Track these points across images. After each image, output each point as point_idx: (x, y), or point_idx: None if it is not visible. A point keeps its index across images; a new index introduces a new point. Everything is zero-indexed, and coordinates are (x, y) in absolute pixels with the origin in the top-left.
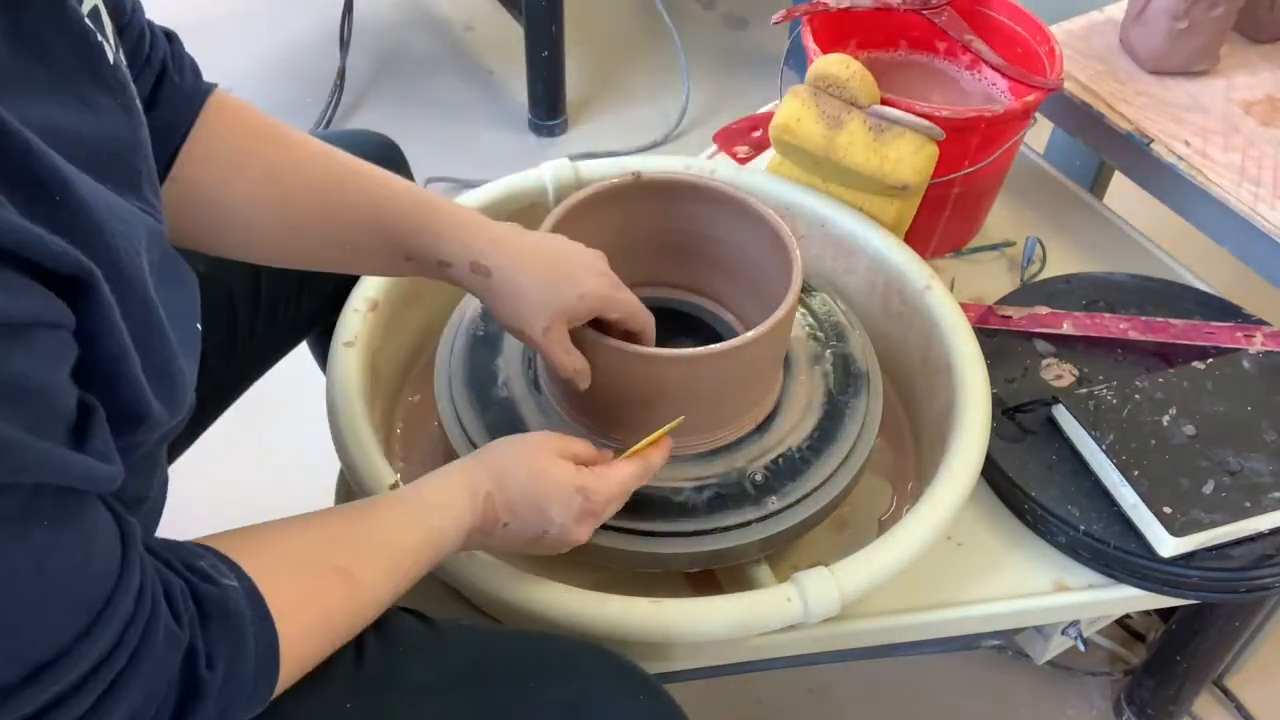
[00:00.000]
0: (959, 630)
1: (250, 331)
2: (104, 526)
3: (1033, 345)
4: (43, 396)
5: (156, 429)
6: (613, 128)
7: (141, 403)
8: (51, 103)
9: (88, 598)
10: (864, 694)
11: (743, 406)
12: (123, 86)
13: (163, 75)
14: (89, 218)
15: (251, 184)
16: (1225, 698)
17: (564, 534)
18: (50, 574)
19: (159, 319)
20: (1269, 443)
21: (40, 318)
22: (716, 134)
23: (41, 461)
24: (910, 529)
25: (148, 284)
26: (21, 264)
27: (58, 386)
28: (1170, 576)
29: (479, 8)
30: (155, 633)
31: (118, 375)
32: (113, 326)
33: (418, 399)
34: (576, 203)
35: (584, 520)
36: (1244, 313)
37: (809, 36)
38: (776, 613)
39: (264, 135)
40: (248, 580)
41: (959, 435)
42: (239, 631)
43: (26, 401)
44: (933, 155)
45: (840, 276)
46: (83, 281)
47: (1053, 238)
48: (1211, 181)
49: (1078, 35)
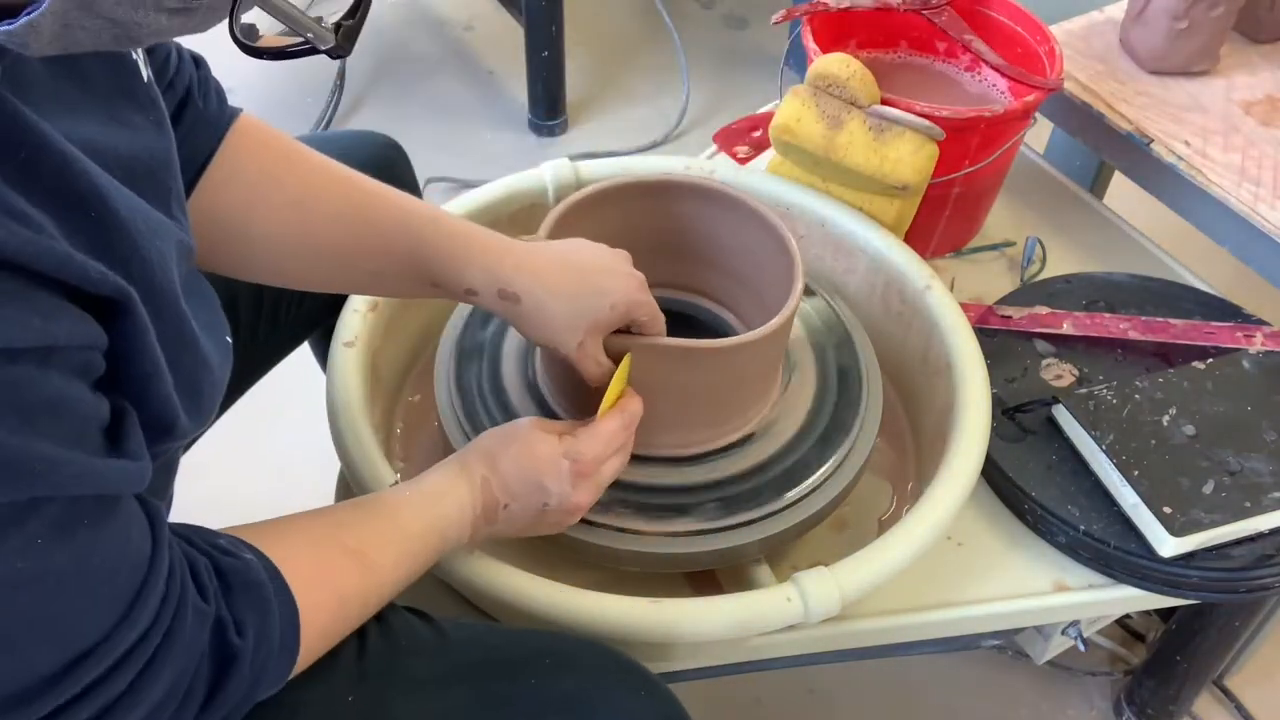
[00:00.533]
0: (959, 630)
1: (253, 333)
2: (135, 517)
3: (1033, 345)
4: (79, 410)
5: (182, 439)
6: (613, 128)
7: (170, 415)
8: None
9: (126, 586)
10: (864, 694)
11: (743, 407)
12: (154, 103)
13: (186, 99)
14: (125, 233)
15: (275, 211)
16: (1225, 698)
17: (564, 502)
18: (92, 570)
19: (191, 332)
20: (1269, 443)
21: (74, 340)
22: (716, 134)
23: (81, 474)
24: (910, 529)
25: (180, 298)
26: (59, 285)
27: (92, 400)
28: (1170, 576)
29: (479, 8)
30: (185, 610)
31: (148, 391)
32: (146, 345)
33: (418, 399)
34: (576, 203)
35: (579, 484)
36: (1244, 313)
37: (809, 36)
38: (776, 613)
39: (288, 161)
40: (264, 556)
41: (959, 435)
42: (264, 599)
43: (65, 417)
44: (933, 155)
45: (840, 276)
46: (120, 304)
47: (1053, 238)
48: (1211, 181)
49: (1078, 35)
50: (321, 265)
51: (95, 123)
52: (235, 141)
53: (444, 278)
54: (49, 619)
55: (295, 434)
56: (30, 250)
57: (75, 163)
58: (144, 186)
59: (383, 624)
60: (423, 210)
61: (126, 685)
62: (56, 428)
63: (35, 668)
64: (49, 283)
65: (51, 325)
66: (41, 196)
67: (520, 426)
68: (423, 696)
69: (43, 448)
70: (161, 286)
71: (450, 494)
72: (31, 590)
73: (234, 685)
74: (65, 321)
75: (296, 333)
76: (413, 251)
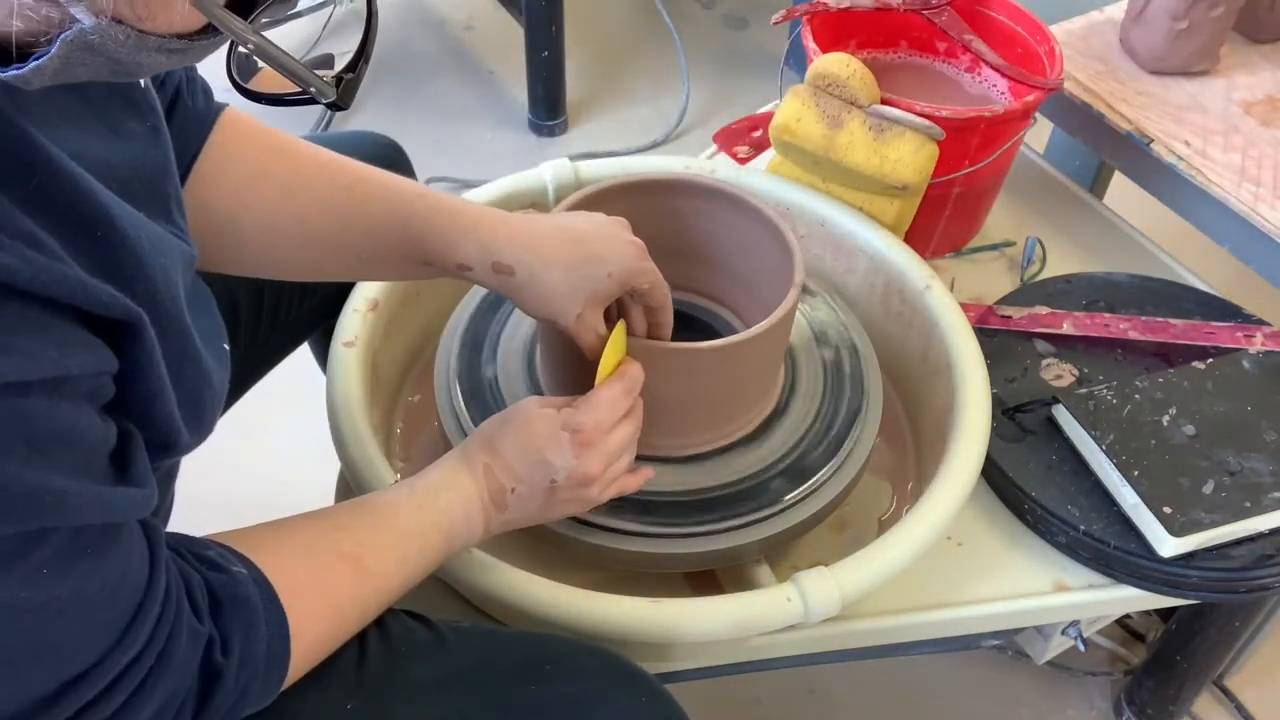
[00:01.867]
0: (959, 630)
1: (253, 334)
2: (137, 541)
3: (1033, 345)
4: (88, 439)
5: (184, 453)
6: (613, 128)
7: (173, 432)
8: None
9: (123, 610)
10: (864, 694)
11: (743, 406)
12: (152, 109)
13: (177, 99)
14: (130, 252)
15: (264, 200)
16: (1225, 698)
17: (572, 475)
18: (92, 595)
19: (194, 348)
20: (1269, 443)
21: (86, 369)
22: (716, 134)
23: (90, 504)
24: (910, 529)
25: (184, 314)
26: (71, 311)
27: (99, 424)
28: (1170, 576)
29: (479, 8)
30: (180, 631)
31: (153, 410)
32: (153, 365)
33: (418, 399)
34: (576, 202)
35: (584, 454)
36: (1244, 313)
37: (809, 36)
38: (776, 613)
39: (274, 150)
40: (254, 567)
41: (959, 435)
42: (250, 614)
43: (74, 447)
44: (933, 155)
45: (840, 276)
46: (131, 326)
47: (1053, 238)
48: (1211, 181)
49: (1078, 35)
50: (313, 251)
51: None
52: (222, 134)
53: (436, 255)
54: (47, 643)
55: (295, 434)
56: (45, 278)
57: (81, 182)
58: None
59: (382, 629)
60: (412, 189)
61: (119, 706)
62: (66, 458)
63: (31, 690)
64: (63, 309)
65: (65, 356)
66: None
67: (518, 407)
68: (422, 703)
69: (52, 479)
70: (166, 304)
71: (451, 487)
72: (34, 616)
73: (219, 702)
74: (78, 350)
75: (296, 333)
76: (404, 230)
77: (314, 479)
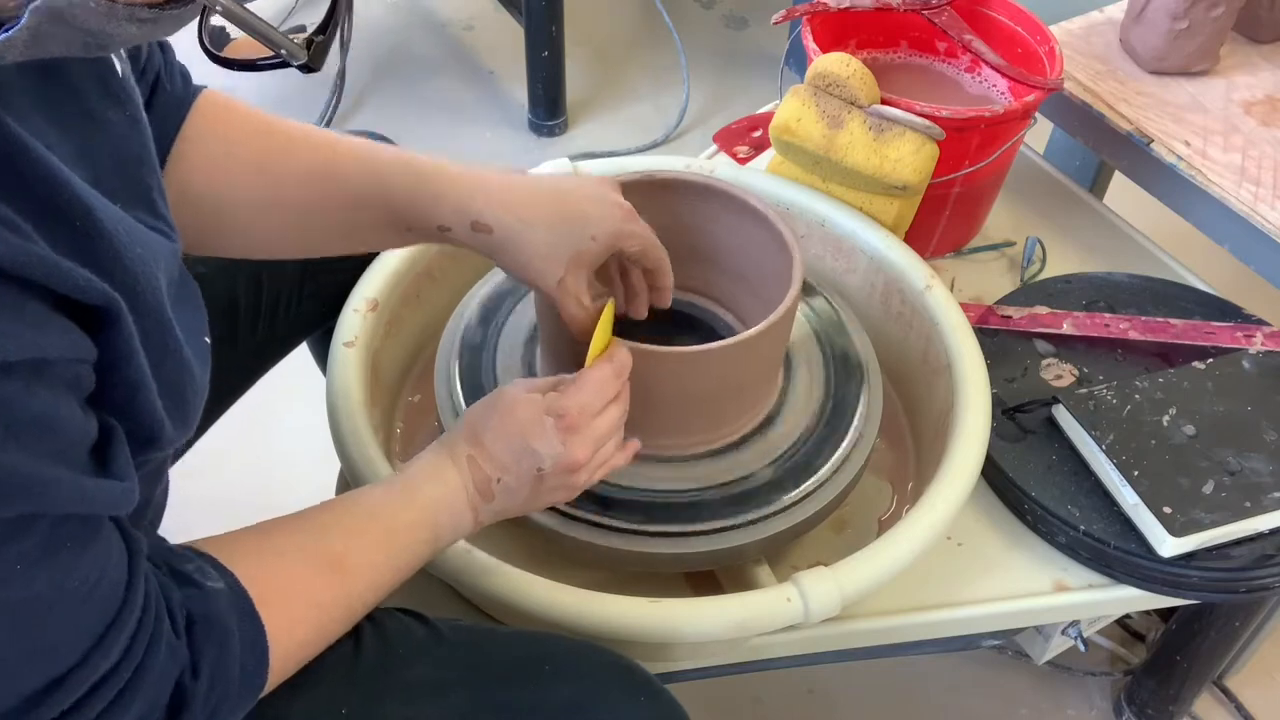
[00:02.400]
0: (959, 630)
1: (252, 333)
2: (115, 544)
3: (1033, 345)
4: (67, 428)
5: (168, 447)
6: (613, 128)
7: (155, 424)
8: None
9: (101, 610)
10: (864, 694)
11: (743, 407)
12: (130, 97)
13: (156, 85)
14: (108, 242)
15: (241, 177)
16: (1225, 698)
17: (559, 462)
18: (71, 592)
19: (176, 341)
20: (1269, 443)
21: (64, 353)
22: (716, 134)
23: (69, 493)
24: (910, 529)
25: (165, 307)
26: (48, 294)
27: (80, 416)
28: (1170, 576)
29: (479, 8)
30: (159, 645)
31: (134, 401)
32: (133, 354)
33: (418, 399)
34: None
35: (570, 439)
36: (1244, 313)
37: (809, 36)
38: (776, 613)
39: (249, 128)
40: (232, 578)
41: (959, 435)
42: (223, 634)
43: (52, 434)
44: (933, 155)
45: (840, 276)
46: (109, 311)
47: (1053, 238)
48: (1211, 181)
49: (1078, 35)
50: (294, 226)
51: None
52: (199, 115)
53: (416, 219)
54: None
55: (295, 434)
56: (21, 258)
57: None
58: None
59: (377, 627)
60: (389, 153)
61: (96, 715)
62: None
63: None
64: (38, 291)
65: (42, 337)
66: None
67: (502, 393)
68: (419, 704)
69: (29, 464)
70: (146, 295)
71: (434, 480)
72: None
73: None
74: (55, 333)
75: (296, 333)
76: (383, 198)
77: (314, 479)
